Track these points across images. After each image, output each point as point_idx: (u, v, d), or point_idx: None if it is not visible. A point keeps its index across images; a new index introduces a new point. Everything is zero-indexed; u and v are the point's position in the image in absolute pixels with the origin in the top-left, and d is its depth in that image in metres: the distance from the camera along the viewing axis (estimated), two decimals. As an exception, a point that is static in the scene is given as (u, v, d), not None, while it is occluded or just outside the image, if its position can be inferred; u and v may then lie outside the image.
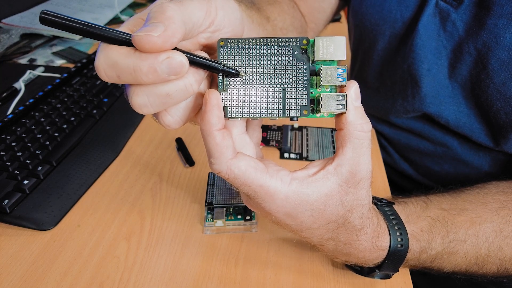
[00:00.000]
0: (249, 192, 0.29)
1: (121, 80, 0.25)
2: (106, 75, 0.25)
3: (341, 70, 0.27)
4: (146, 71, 0.24)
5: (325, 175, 0.29)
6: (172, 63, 0.24)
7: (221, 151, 0.27)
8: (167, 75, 0.24)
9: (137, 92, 0.26)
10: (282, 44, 0.28)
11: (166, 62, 0.24)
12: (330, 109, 0.28)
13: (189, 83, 0.26)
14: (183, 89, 0.26)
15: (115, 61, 0.24)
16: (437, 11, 0.49)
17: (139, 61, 0.24)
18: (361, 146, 0.29)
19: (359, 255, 0.34)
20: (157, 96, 0.25)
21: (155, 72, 0.24)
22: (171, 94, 0.26)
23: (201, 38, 0.28)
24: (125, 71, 0.24)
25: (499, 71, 0.44)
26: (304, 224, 0.30)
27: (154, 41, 0.23)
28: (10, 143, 0.53)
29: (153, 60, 0.24)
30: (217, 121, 0.27)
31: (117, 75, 0.25)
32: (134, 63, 0.24)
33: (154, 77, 0.24)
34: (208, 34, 0.28)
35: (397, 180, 0.65)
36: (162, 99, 0.26)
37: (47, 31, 0.87)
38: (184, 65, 0.24)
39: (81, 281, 0.39)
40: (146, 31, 0.23)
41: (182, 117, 0.28)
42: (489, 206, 0.40)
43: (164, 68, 0.24)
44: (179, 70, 0.24)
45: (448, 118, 0.51)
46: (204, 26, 0.27)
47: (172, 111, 0.28)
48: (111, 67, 0.25)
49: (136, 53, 0.24)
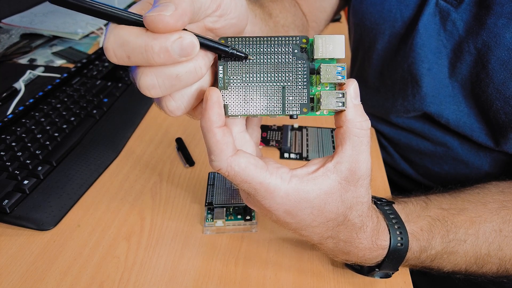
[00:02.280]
0: (249, 190, 0.29)
1: (131, 61, 0.25)
2: (115, 56, 0.25)
3: (340, 68, 0.28)
4: (158, 51, 0.24)
5: (325, 172, 0.29)
6: (184, 43, 0.24)
7: (221, 148, 0.27)
8: (178, 56, 0.24)
9: (147, 73, 0.25)
10: (282, 43, 0.28)
11: (178, 42, 0.24)
12: (329, 107, 0.28)
13: (199, 65, 0.26)
14: (192, 71, 0.26)
15: (126, 40, 0.24)
16: (437, 11, 0.49)
17: (151, 41, 0.24)
18: (361, 143, 0.29)
19: (359, 254, 0.34)
20: (166, 77, 0.25)
21: (166, 52, 0.24)
22: (181, 76, 0.25)
23: (208, 22, 0.28)
24: (136, 51, 0.24)
25: (499, 70, 0.44)
26: (303, 222, 0.30)
27: (166, 21, 0.23)
28: (10, 143, 0.53)
29: (165, 39, 0.23)
30: (217, 118, 0.27)
31: (127, 55, 0.24)
32: (146, 43, 0.24)
33: (165, 57, 0.24)
34: (215, 18, 0.28)
35: (397, 180, 0.65)
36: (171, 80, 0.25)
37: (47, 31, 0.87)
38: (195, 46, 0.24)
39: (81, 281, 0.39)
40: (158, 11, 0.23)
41: (185, 104, 0.28)
42: (489, 206, 0.40)
43: (175, 48, 0.24)
44: (190, 51, 0.24)
45: (448, 118, 0.51)
46: (211, 8, 0.27)
47: (176, 96, 0.27)
48: (121, 46, 0.24)
49: (148, 33, 0.24)
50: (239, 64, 0.28)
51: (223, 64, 0.28)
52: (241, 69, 0.28)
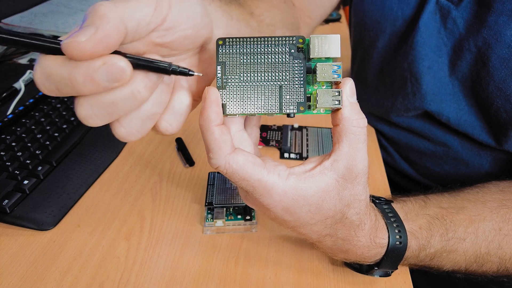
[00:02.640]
0: (247, 187, 0.29)
1: (62, 93, 0.23)
2: (45, 88, 0.23)
3: (336, 67, 0.28)
4: (82, 81, 0.22)
5: (322, 170, 0.29)
6: (111, 68, 0.22)
7: (220, 146, 0.28)
8: (107, 83, 0.22)
9: (81, 103, 0.23)
10: (279, 43, 0.29)
11: (103, 69, 0.22)
12: (326, 105, 0.28)
13: (137, 89, 0.24)
14: (130, 96, 0.24)
15: (50, 72, 0.22)
16: (437, 9, 0.49)
17: (73, 70, 0.22)
18: (357, 141, 0.29)
19: (358, 252, 0.34)
20: (101, 106, 0.23)
21: (92, 81, 0.22)
22: (117, 103, 0.23)
23: (155, 38, 0.26)
24: (61, 83, 0.22)
25: (500, 68, 0.44)
26: (302, 219, 0.31)
27: (82, 47, 0.21)
28: (10, 143, 0.53)
29: (87, 68, 0.22)
30: (216, 117, 0.27)
31: (56, 87, 0.23)
32: (69, 73, 0.22)
33: (92, 86, 0.22)
34: (162, 32, 0.26)
35: (397, 180, 0.65)
36: (107, 109, 0.24)
37: (47, 31, 0.87)
38: (124, 70, 0.22)
39: (81, 281, 0.39)
40: (74, 36, 0.21)
41: (137, 128, 0.26)
42: (488, 205, 0.40)
43: (102, 75, 0.22)
44: (119, 76, 0.22)
45: (449, 116, 0.51)
46: (154, 23, 0.25)
47: (124, 122, 0.25)
48: (47, 79, 0.23)
49: (71, 62, 0.22)
50: (237, 64, 0.29)
51: (221, 64, 0.28)
52: (238, 69, 0.29)
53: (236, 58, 0.29)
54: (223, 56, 0.28)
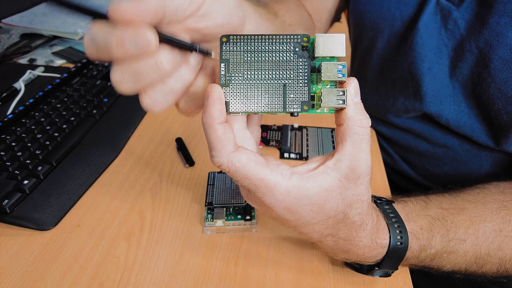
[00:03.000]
0: (249, 186, 0.29)
1: (99, 56, 0.26)
2: (88, 51, 0.26)
3: (341, 66, 0.28)
4: (115, 44, 0.25)
5: (325, 170, 0.29)
6: (139, 37, 0.24)
7: (222, 144, 0.28)
8: (134, 50, 0.25)
9: (115, 69, 0.27)
10: (283, 41, 0.28)
11: (133, 36, 0.24)
12: (330, 104, 0.28)
13: (160, 60, 0.26)
14: (153, 66, 0.26)
15: (94, 35, 0.26)
16: (438, 9, 0.49)
17: (109, 34, 0.25)
18: (361, 141, 0.29)
19: (359, 252, 0.34)
20: (130, 72, 0.26)
21: (122, 45, 0.25)
22: (143, 71, 0.26)
23: (190, 23, 0.28)
24: (100, 45, 0.25)
25: (501, 70, 0.44)
26: (303, 219, 0.31)
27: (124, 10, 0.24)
28: (10, 143, 0.53)
29: (121, 32, 0.24)
30: (219, 115, 0.27)
31: (95, 49, 0.26)
32: (105, 36, 0.25)
33: (122, 50, 0.25)
34: (197, 18, 0.28)
35: (397, 181, 0.65)
36: (135, 75, 0.26)
37: (47, 31, 0.87)
38: (150, 41, 0.25)
39: (81, 281, 0.39)
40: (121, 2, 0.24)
41: (160, 100, 0.28)
42: (489, 206, 0.40)
43: (131, 42, 0.25)
44: (146, 45, 0.25)
45: (448, 118, 0.51)
46: (190, 9, 0.27)
47: (150, 92, 0.28)
48: (91, 41, 0.26)
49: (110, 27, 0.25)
50: (241, 61, 0.28)
51: (225, 61, 0.28)
52: (242, 67, 0.28)
53: (240, 55, 0.28)
54: (227, 54, 0.28)
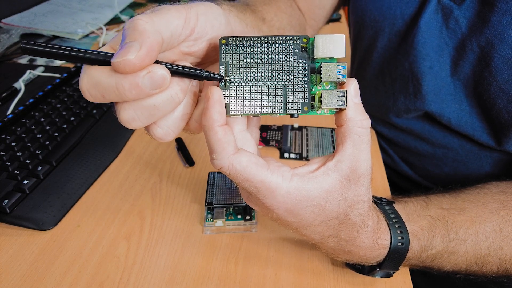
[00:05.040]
0: (250, 188, 0.29)
1: (106, 99, 0.25)
2: (90, 95, 0.26)
3: (340, 67, 0.28)
4: (129, 88, 0.24)
5: (326, 171, 0.29)
6: (154, 77, 0.24)
7: (223, 146, 0.28)
8: (150, 90, 0.25)
9: (124, 107, 0.26)
10: (283, 42, 0.28)
11: (147, 77, 0.24)
12: (330, 105, 0.28)
13: (175, 92, 0.26)
14: (169, 99, 0.26)
15: (98, 81, 0.25)
16: (439, 8, 0.49)
17: (121, 79, 0.24)
18: (361, 142, 0.29)
19: (360, 253, 0.34)
20: (144, 109, 0.26)
21: (137, 87, 0.24)
22: (158, 106, 0.26)
23: (183, 47, 0.29)
24: (108, 90, 0.25)
25: (503, 69, 0.44)
26: (305, 221, 0.30)
27: (132, 64, 0.23)
28: (10, 143, 0.53)
29: (134, 77, 0.24)
30: (219, 117, 0.27)
31: (101, 94, 0.25)
32: (116, 82, 0.24)
33: (137, 92, 0.25)
34: (190, 42, 0.28)
35: (397, 181, 0.65)
36: (149, 111, 0.26)
37: (47, 31, 0.87)
38: (165, 78, 0.25)
39: (81, 281, 0.39)
40: (122, 55, 0.23)
41: (172, 128, 0.29)
42: (489, 206, 0.40)
43: (146, 83, 0.24)
44: (161, 83, 0.25)
45: (450, 117, 0.51)
46: (184, 34, 0.27)
47: (161, 124, 0.28)
48: (94, 87, 0.25)
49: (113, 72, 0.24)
50: (240, 63, 0.28)
51: (224, 63, 0.28)
52: (242, 69, 0.28)
53: (239, 57, 0.28)
54: (226, 56, 0.28)
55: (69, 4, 1.01)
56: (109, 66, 0.25)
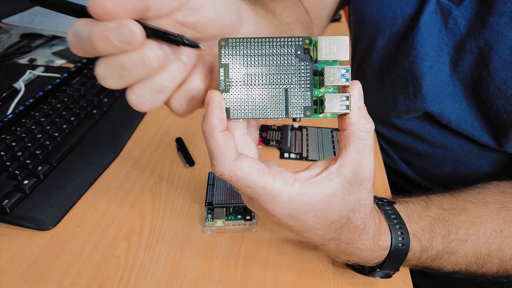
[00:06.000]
0: (251, 194, 0.29)
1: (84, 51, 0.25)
2: (74, 47, 0.26)
3: (344, 71, 0.27)
4: (98, 38, 0.24)
5: (328, 175, 0.29)
6: (123, 30, 0.24)
7: (224, 153, 0.27)
8: (119, 43, 0.24)
9: (99, 63, 0.26)
10: (284, 44, 0.27)
11: (117, 30, 0.24)
12: (333, 110, 0.27)
13: (147, 56, 0.25)
14: (139, 61, 0.25)
15: (77, 31, 0.25)
16: (438, 8, 0.49)
17: (92, 28, 0.24)
18: (364, 146, 0.29)
19: (361, 255, 0.34)
20: (114, 66, 0.25)
21: (106, 39, 0.24)
22: (127, 66, 0.25)
23: (179, 16, 0.27)
24: (84, 41, 0.25)
25: (501, 69, 0.44)
26: (307, 225, 0.30)
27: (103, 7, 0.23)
28: (10, 143, 0.53)
29: (104, 27, 0.24)
30: (219, 123, 0.26)
31: (80, 45, 0.25)
32: (88, 31, 0.24)
33: (106, 45, 0.24)
34: (187, 11, 0.27)
35: (397, 181, 0.65)
36: (119, 70, 0.25)
37: (47, 31, 0.87)
38: (135, 33, 0.24)
39: (81, 281, 0.39)
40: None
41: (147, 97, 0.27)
42: (489, 206, 0.40)
43: (115, 35, 0.24)
44: (131, 39, 0.24)
45: (450, 117, 0.51)
46: (177, 1, 0.26)
47: (136, 89, 0.27)
48: (75, 37, 0.25)
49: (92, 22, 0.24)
50: (241, 66, 0.28)
51: (224, 66, 0.27)
52: (242, 71, 0.28)
53: (239, 59, 0.27)
54: (226, 58, 0.27)
55: (69, 4, 1.01)
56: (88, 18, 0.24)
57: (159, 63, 0.26)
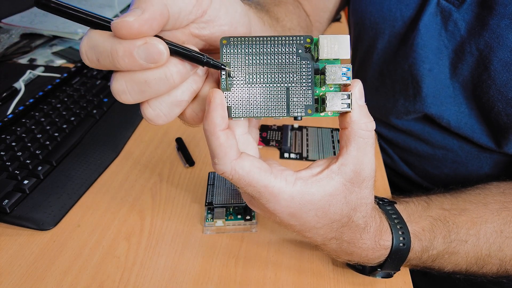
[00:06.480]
0: (253, 193, 0.29)
1: (101, 64, 0.25)
2: (87, 58, 0.25)
3: (345, 69, 0.27)
4: (122, 55, 0.23)
5: (329, 174, 0.29)
6: (150, 49, 0.23)
7: (225, 151, 0.27)
8: (144, 61, 0.24)
9: (117, 77, 0.25)
10: (285, 43, 0.27)
11: (143, 48, 0.23)
12: (335, 108, 0.27)
13: (170, 73, 0.25)
14: (162, 78, 0.25)
15: (96, 43, 0.24)
16: (438, 10, 0.49)
17: (116, 44, 0.24)
18: (365, 145, 0.29)
19: (362, 254, 0.34)
20: (135, 83, 0.25)
21: (131, 56, 0.23)
22: (150, 83, 0.25)
23: (194, 28, 0.27)
24: (103, 54, 0.24)
25: (501, 72, 0.44)
26: (308, 224, 0.30)
27: (129, 26, 0.23)
28: (10, 143, 0.53)
29: (129, 44, 0.23)
30: (221, 121, 0.26)
31: (97, 58, 0.25)
32: (111, 46, 0.24)
33: (130, 61, 0.24)
34: (201, 24, 0.27)
35: (397, 181, 0.65)
36: (140, 86, 0.25)
37: (47, 31, 0.87)
38: (162, 53, 0.24)
39: (81, 281, 0.39)
40: (123, 17, 0.23)
41: (164, 112, 0.27)
42: (490, 207, 0.40)
43: (141, 53, 0.23)
44: (157, 57, 0.24)
45: (449, 119, 0.51)
46: (194, 14, 0.26)
47: (153, 104, 0.27)
48: (92, 49, 0.25)
49: (116, 37, 0.24)
50: (242, 64, 0.28)
51: (226, 64, 0.27)
52: (244, 70, 0.28)
53: (241, 58, 0.27)
54: (228, 57, 0.27)
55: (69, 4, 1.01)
56: (109, 32, 0.24)
57: (181, 79, 0.26)
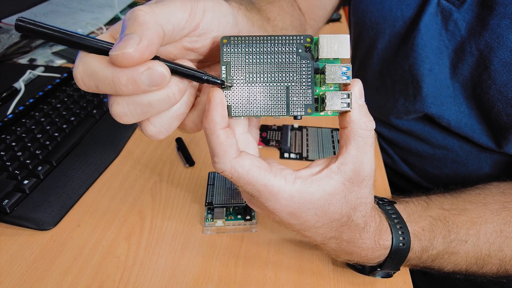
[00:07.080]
0: (252, 192, 0.29)
1: (100, 90, 0.24)
2: (84, 85, 0.24)
3: (345, 68, 0.27)
4: (125, 83, 0.23)
5: (329, 173, 0.29)
6: (153, 74, 0.23)
7: (225, 150, 0.27)
8: (147, 86, 0.24)
9: (118, 101, 0.25)
10: (286, 42, 0.28)
11: (146, 73, 0.23)
12: (334, 108, 0.27)
13: (172, 93, 0.25)
14: (165, 99, 0.25)
15: (93, 70, 0.23)
16: (439, 10, 0.48)
17: (118, 72, 0.23)
18: (365, 144, 0.29)
19: (362, 254, 0.34)
20: (138, 105, 0.25)
21: (135, 83, 0.23)
22: (153, 104, 0.25)
23: (186, 42, 0.27)
24: (103, 82, 0.24)
25: (501, 72, 0.44)
26: (307, 223, 0.30)
27: (131, 57, 0.22)
28: (10, 143, 0.53)
29: (132, 71, 0.23)
30: (221, 120, 0.27)
31: (95, 85, 0.24)
32: (113, 74, 0.23)
33: (134, 88, 0.23)
34: (194, 38, 0.27)
35: (397, 182, 0.65)
36: (143, 108, 0.25)
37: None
38: (165, 76, 0.24)
39: (81, 281, 0.39)
40: (121, 48, 0.22)
41: (165, 127, 0.27)
42: (490, 207, 0.40)
43: (144, 79, 0.23)
44: (160, 81, 0.24)
45: (449, 119, 0.51)
46: (187, 29, 0.26)
47: (154, 121, 0.27)
48: (89, 76, 0.24)
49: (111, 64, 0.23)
50: (242, 64, 0.28)
51: (226, 64, 0.28)
52: (244, 69, 0.28)
53: (241, 57, 0.28)
54: (228, 56, 0.27)
55: (69, 4, 1.01)
56: (107, 57, 0.23)
57: (182, 96, 0.26)
